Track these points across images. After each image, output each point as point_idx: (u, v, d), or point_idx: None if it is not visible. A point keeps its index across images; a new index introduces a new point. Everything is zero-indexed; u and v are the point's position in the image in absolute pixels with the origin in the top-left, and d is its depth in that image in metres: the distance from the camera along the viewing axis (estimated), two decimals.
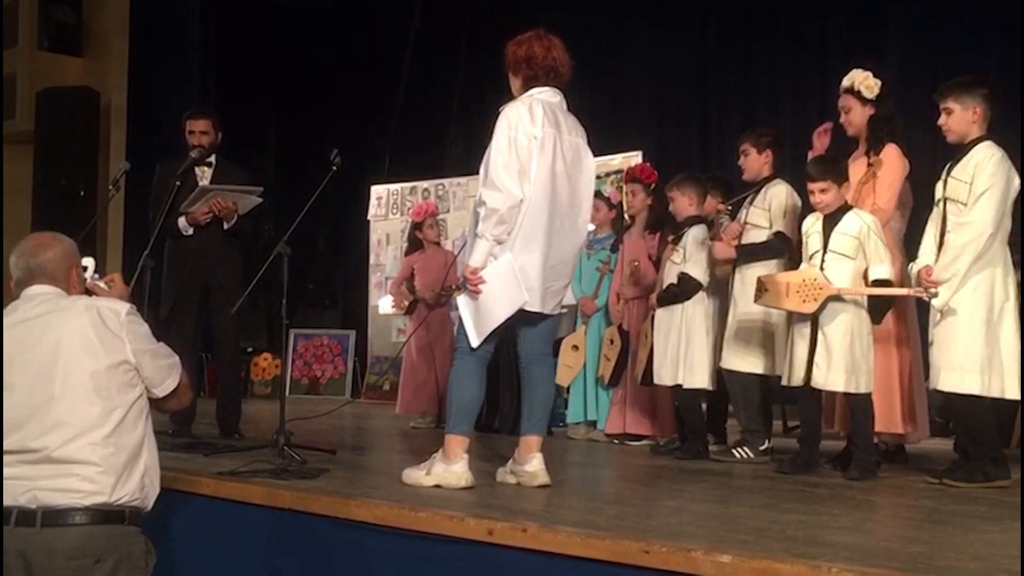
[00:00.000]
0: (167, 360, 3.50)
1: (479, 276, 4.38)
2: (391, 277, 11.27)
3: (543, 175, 4.41)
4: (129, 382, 3.35)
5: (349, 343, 11.46)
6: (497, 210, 4.33)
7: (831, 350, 5.01)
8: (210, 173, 6.44)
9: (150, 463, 3.41)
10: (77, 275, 3.55)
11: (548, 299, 4.55)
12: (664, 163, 8.22)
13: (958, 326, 4.77)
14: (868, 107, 5.61)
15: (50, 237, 3.59)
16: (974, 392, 4.74)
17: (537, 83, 4.56)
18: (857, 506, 4.27)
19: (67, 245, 3.57)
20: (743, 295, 5.69)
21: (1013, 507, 4.24)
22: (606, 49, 10.95)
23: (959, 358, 4.75)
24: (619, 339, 6.73)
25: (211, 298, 6.40)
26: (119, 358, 3.32)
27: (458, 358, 4.57)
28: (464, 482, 4.43)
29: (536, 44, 4.58)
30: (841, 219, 5.11)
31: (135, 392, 3.37)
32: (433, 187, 11.08)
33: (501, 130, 4.40)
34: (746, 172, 5.92)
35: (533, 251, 4.42)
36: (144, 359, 3.39)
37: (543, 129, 4.41)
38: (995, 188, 4.72)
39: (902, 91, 8.42)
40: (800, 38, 9.85)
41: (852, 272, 5.06)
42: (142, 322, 3.46)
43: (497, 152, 4.38)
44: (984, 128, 4.88)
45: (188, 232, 6.32)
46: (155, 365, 3.43)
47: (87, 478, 3.20)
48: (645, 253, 6.73)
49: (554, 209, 4.46)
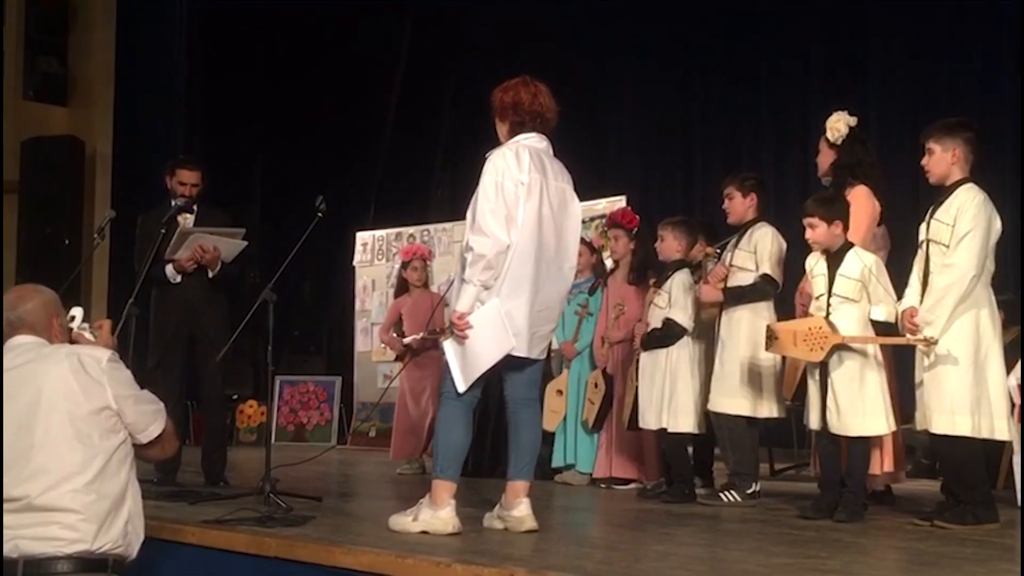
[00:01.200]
0: (151, 406, 3.49)
1: (466, 321, 4.38)
2: (377, 323, 11.29)
3: (530, 220, 4.43)
4: (111, 428, 3.34)
5: (335, 389, 11.43)
6: (484, 255, 4.34)
7: (838, 396, 5.01)
8: (192, 220, 6.44)
9: (134, 510, 3.39)
10: (59, 325, 3.56)
11: (535, 344, 4.55)
12: (648, 208, 8.28)
13: (947, 369, 4.78)
14: (832, 151, 5.68)
15: (30, 289, 3.60)
16: (965, 434, 4.74)
17: (524, 129, 4.59)
18: (845, 548, 4.26)
19: (47, 296, 3.58)
20: (730, 337, 5.71)
21: (1001, 548, 4.24)
22: (590, 94, 11.03)
23: (949, 401, 4.76)
24: (603, 383, 6.73)
25: (197, 346, 6.37)
26: (100, 404, 3.31)
27: (444, 403, 4.55)
28: (451, 528, 4.40)
29: (523, 90, 4.61)
30: (843, 260, 5.13)
31: (117, 438, 3.36)
32: (419, 232, 11.10)
33: (488, 175, 4.42)
34: (731, 216, 5.95)
35: (520, 296, 4.43)
36: (126, 404, 3.38)
37: (530, 175, 4.43)
38: (977, 230, 4.75)
39: (882, 134, 8.55)
40: (782, 83, 9.96)
41: (858, 315, 5.06)
42: (124, 368, 3.45)
43: (484, 198, 4.40)
44: (966, 170, 4.91)
45: (176, 280, 6.31)
46: (138, 410, 3.42)
47: (69, 526, 3.18)
48: (629, 297, 6.74)
49: (541, 254, 4.47)
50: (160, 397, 3.60)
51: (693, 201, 10.01)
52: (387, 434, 10.67)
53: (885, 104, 9.08)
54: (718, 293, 5.79)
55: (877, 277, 5.08)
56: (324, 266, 12.03)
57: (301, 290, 12.23)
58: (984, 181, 4.94)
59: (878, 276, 5.09)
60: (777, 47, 9.94)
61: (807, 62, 9.78)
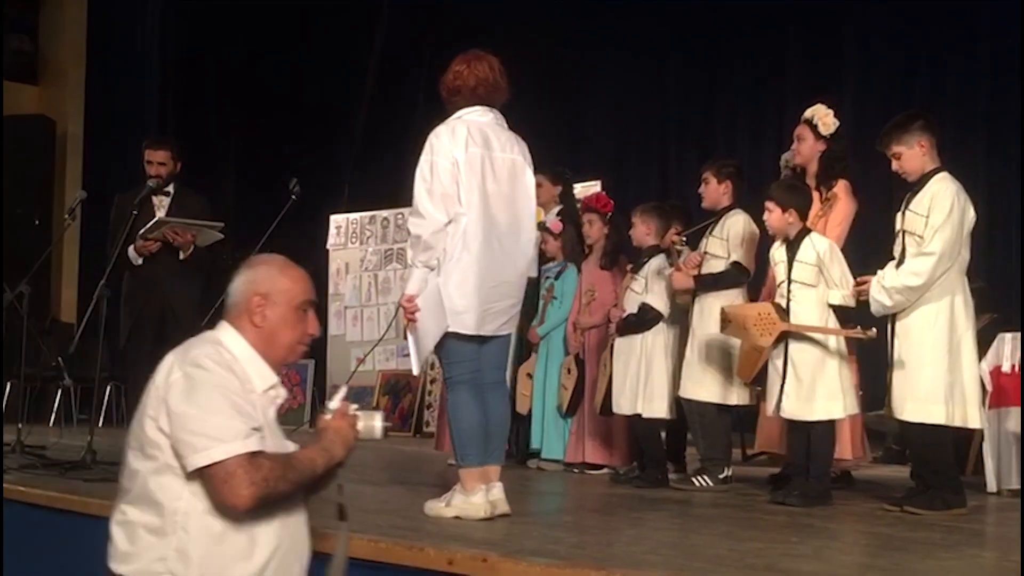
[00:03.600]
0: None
1: (414, 304, 4.38)
2: (350, 306, 11.27)
3: (473, 196, 4.38)
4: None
5: (308, 373, 11.38)
6: (420, 236, 4.34)
7: (800, 380, 5.04)
8: (167, 202, 6.40)
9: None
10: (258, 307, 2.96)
11: (488, 320, 4.46)
12: (623, 193, 8.28)
13: (922, 356, 4.80)
14: (821, 142, 5.72)
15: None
16: (940, 422, 4.76)
17: (463, 103, 4.53)
18: (815, 533, 4.29)
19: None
20: (701, 324, 5.73)
21: (969, 534, 4.29)
22: (567, 80, 11.04)
23: (923, 389, 4.77)
24: (576, 368, 6.73)
25: (167, 327, 6.32)
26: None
27: (450, 391, 4.52)
28: (483, 512, 4.34)
29: (458, 64, 4.56)
30: (799, 247, 5.16)
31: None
32: (392, 216, 11.06)
33: (424, 156, 4.41)
34: (705, 200, 5.97)
35: (466, 273, 4.37)
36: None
37: (467, 150, 4.38)
38: (950, 221, 4.77)
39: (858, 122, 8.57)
40: (758, 72, 9.99)
41: (816, 300, 5.09)
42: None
43: (420, 178, 4.39)
44: (935, 157, 4.93)
45: (138, 262, 6.25)
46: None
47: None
48: (602, 282, 6.73)
49: (490, 230, 4.41)
50: (131, 378, 3.55)
51: (668, 187, 10.03)
52: None
53: (861, 92, 9.11)
54: (689, 280, 5.81)
55: (831, 262, 5.10)
56: (298, 248, 11.88)
57: None
58: (958, 173, 4.96)
59: (832, 261, 5.11)
60: (753, 33, 9.96)
61: (783, 49, 9.80)
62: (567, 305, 6.89)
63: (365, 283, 11.26)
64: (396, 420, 10.53)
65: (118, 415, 9.70)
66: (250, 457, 2.67)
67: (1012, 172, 8.13)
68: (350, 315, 11.29)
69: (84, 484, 5.25)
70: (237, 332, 2.91)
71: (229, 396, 2.73)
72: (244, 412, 2.73)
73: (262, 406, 2.84)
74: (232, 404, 2.72)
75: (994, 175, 8.34)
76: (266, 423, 2.83)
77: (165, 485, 2.73)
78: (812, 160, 5.76)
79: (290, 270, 3.03)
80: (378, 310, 10.82)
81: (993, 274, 7.77)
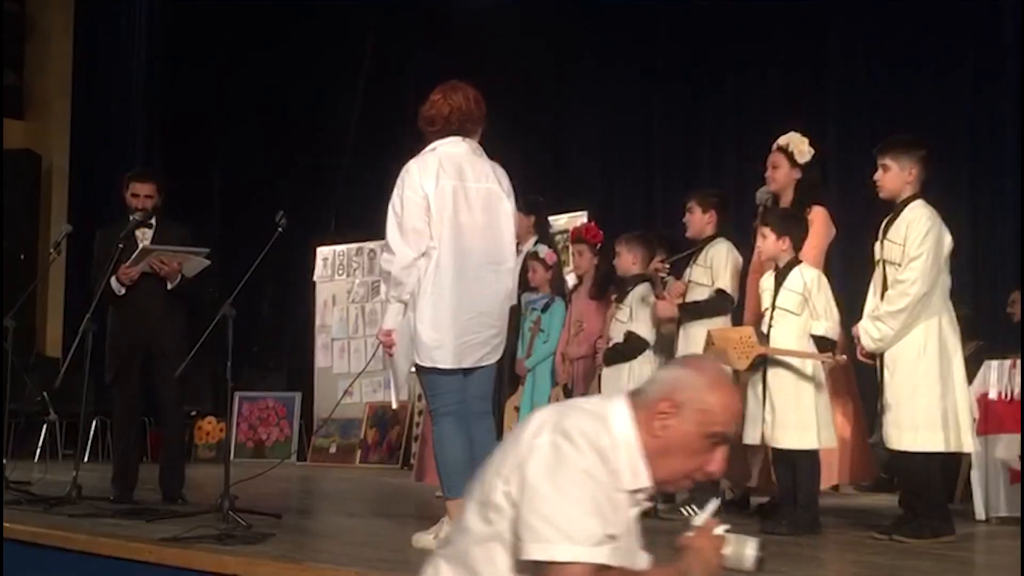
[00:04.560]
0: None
1: (390, 338, 4.40)
2: (337, 338, 11.25)
3: (443, 229, 4.37)
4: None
5: (295, 405, 11.35)
6: (390, 272, 4.36)
7: (775, 408, 5.04)
8: (151, 234, 6.36)
9: None
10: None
11: (468, 353, 4.45)
12: (609, 222, 8.28)
13: (915, 385, 4.79)
14: (796, 170, 5.75)
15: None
16: (937, 450, 4.76)
17: (438, 135, 4.52)
18: (805, 562, 4.28)
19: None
20: (687, 352, 5.72)
21: (958, 562, 4.28)
22: (551, 108, 11.07)
23: (920, 417, 4.76)
24: (564, 399, 6.72)
25: (154, 361, 6.29)
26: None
27: (435, 424, 4.50)
28: None
29: (436, 94, 4.56)
30: (788, 275, 5.18)
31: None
32: (379, 248, 10.99)
33: (395, 191, 4.41)
34: (689, 229, 6.00)
35: (439, 306, 4.36)
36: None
37: (438, 183, 4.37)
38: (926, 249, 4.78)
39: (840, 147, 8.63)
40: (744, 99, 10.01)
41: (798, 329, 5.10)
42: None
43: (391, 213, 4.39)
44: (917, 188, 4.94)
45: (120, 292, 6.20)
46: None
47: None
48: (591, 313, 6.73)
49: (464, 262, 4.40)
50: (116, 413, 3.53)
51: (654, 216, 10.03)
52: (348, 450, 10.68)
53: (844, 118, 9.16)
54: (673, 308, 5.83)
55: (818, 292, 5.12)
56: (284, 281, 11.96)
57: (261, 305, 12.15)
58: (940, 196, 4.99)
59: (818, 291, 5.12)
60: (738, 61, 10.01)
61: (767, 77, 9.85)
62: (554, 338, 6.88)
63: (352, 315, 11.24)
64: (384, 452, 10.51)
65: (103, 450, 9.65)
66: (595, 570, 2.27)
67: (996, 195, 8.17)
68: (337, 347, 11.26)
69: (69, 519, 5.23)
70: (632, 419, 2.42)
71: (594, 488, 2.30)
72: (604, 513, 2.30)
73: (625, 507, 2.41)
74: (594, 499, 2.29)
75: (978, 199, 8.37)
76: (625, 528, 2.40)
77: (491, 558, 2.33)
78: (787, 188, 5.78)
79: (722, 390, 2.46)
80: (365, 342, 10.79)
81: (979, 301, 7.81)
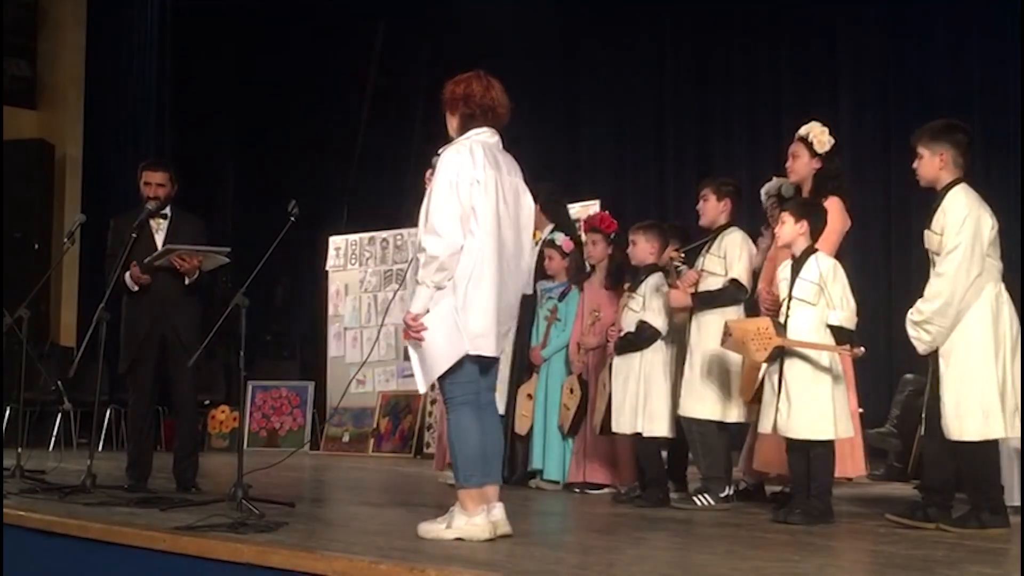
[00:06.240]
0: None
1: (420, 323, 4.34)
2: (350, 328, 11.27)
3: (488, 219, 4.37)
4: None
5: (308, 394, 11.38)
6: (437, 257, 4.30)
7: (791, 397, 5.03)
8: (165, 225, 6.40)
9: None
10: None
11: (501, 342, 4.51)
12: (621, 212, 8.28)
13: (975, 374, 4.72)
14: (815, 160, 5.74)
15: None
16: (1000, 436, 4.72)
17: (474, 123, 4.51)
18: (817, 552, 4.28)
19: None
20: (700, 342, 5.72)
21: (971, 551, 4.27)
22: (563, 98, 11.07)
23: (983, 406, 4.69)
24: (579, 388, 6.72)
25: (168, 351, 6.32)
26: None
27: (452, 412, 4.47)
28: (488, 533, 4.31)
29: (475, 82, 4.54)
30: (804, 265, 5.16)
31: None
32: (392, 237, 11.09)
33: (442, 175, 4.37)
34: (703, 217, 5.98)
35: (486, 295, 4.36)
36: None
37: (484, 172, 4.37)
38: (964, 239, 4.71)
39: (853, 138, 8.61)
40: (755, 90, 10.00)
41: (814, 318, 5.08)
42: None
43: (438, 197, 4.35)
44: (957, 173, 4.87)
45: (134, 289, 6.24)
46: None
47: None
48: (606, 302, 6.73)
49: (501, 251, 4.42)
50: (131, 402, 3.55)
51: (666, 205, 10.04)
52: (361, 439, 10.70)
53: (856, 108, 9.14)
54: (687, 297, 5.81)
55: (834, 282, 5.10)
56: (297, 270, 11.99)
57: (274, 295, 12.18)
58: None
59: (834, 281, 5.11)
60: (750, 51, 10.00)
61: (779, 67, 9.84)
62: (571, 327, 6.90)
63: (364, 304, 11.26)
64: (397, 441, 10.53)
65: (118, 439, 9.70)
66: None
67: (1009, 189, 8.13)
68: (349, 336, 11.28)
69: (84, 508, 5.26)
70: None
71: None
72: None
73: None
74: None
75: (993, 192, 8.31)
76: None
77: None
78: (807, 178, 5.78)
79: None
80: (378, 331, 10.82)
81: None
